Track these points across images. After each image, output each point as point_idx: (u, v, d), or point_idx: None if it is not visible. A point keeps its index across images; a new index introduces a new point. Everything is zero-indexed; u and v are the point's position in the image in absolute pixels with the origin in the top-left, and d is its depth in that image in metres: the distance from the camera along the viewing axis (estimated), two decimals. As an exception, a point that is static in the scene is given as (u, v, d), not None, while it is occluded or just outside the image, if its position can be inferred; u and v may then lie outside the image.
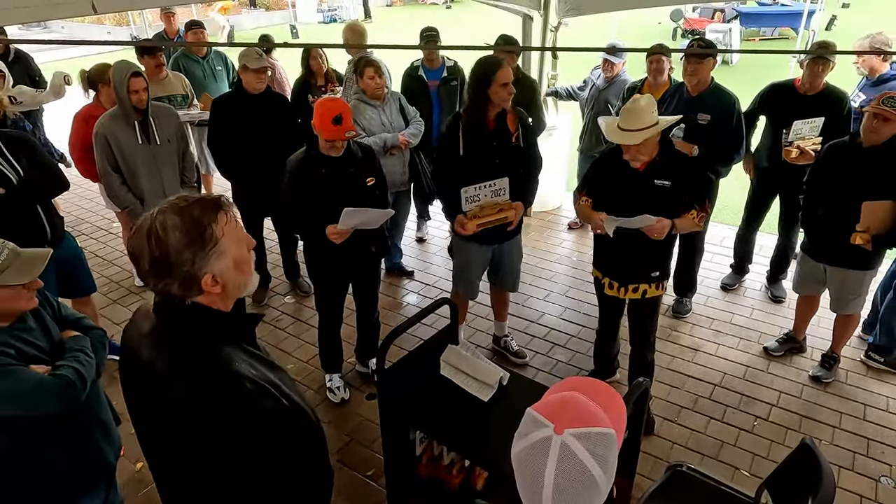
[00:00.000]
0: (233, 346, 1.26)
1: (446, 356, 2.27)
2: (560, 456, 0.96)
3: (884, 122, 2.84)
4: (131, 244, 1.20)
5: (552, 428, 0.98)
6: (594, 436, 0.98)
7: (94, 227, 5.53)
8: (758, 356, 3.66)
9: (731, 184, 3.98)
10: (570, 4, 4.77)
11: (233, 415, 1.18)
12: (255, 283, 1.33)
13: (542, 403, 1.06)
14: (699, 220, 2.74)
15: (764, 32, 15.33)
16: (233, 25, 16.15)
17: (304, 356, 3.72)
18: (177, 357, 1.22)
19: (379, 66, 3.78)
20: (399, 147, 3.90)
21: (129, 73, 3.25)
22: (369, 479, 2.84)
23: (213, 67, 5.29)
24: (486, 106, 2.92)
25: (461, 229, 3.04)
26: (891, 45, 3.83)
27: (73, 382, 1.76)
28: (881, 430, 3.09)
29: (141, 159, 3.39)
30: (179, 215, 1.18)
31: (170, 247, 1.16)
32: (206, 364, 1.20)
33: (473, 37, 14.93)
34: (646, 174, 2.69)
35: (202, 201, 1.23)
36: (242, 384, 1.19)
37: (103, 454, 1.96)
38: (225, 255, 1.22)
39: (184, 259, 1.18)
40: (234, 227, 1.25)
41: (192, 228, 1.18)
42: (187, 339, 1.23)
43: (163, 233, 1.17)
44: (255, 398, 1.19)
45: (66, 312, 2.03)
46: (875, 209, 2.89)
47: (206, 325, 1.25)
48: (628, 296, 2.93)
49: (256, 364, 1.26)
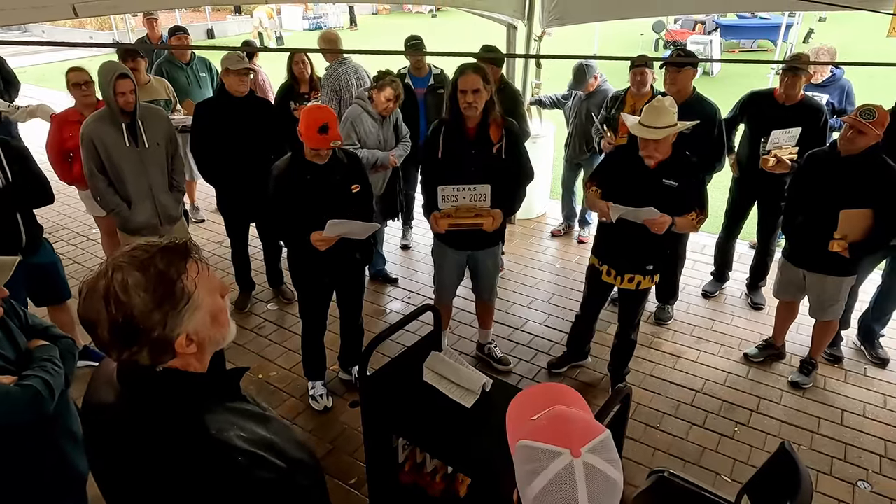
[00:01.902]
0: (216, 410, 1.08)
1: (429, 363, 2.26)
2: (587, 477, 0.93)
3: (859, 133, 2.90)
4: (83, 309, 1.00)
5: (569, 453, 0.94)
6: (603, 443, 0.96)
7: (72, 232, 5.45)
8: (738, 362, 3.71)
9: (710, 192, 4.04)
10: (553, 14, 4.83)
11: (225, 494, 1.02)
12: (233, 332, 1.16)
13: (535, 431, 0.98)
14: (697, 221, 2.90)
15: (743, 44, 15.66)
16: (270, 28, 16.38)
17: (286, 364, 3.69)
18: (152, 434, 1.04)
19: (400, 90, 3.72)
20: (386, 166, 3.91)
21: (116, 74, 3.17)
22: (352, 488, 2.82)
23: (197, 74, 5.25)
24: (459, 112, 2.95)
25: (434, 225, 3.08)
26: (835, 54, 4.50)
27: (41, 393, 1.72)
28: (858, 435, 3.13)
29: (127, 162, 3.32)
30: (141, 271, 0.99)
31: (134, 309, 0.98)
32: (188, 439, 1.03)
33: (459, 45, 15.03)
34: (656, 173, 2.85)
35: (166, 250, 1.04)
36: (234, 458, 1.02)
37: (73, 465, 1.92)
38: (200, 310, 1.05)
39: (153, 322, 1.00)
40: (206, 276, 1.08)
41: (159, 285, 1.00)
42: (162, 412, 1.05)
43: (124, 294, 0.98)
44: (249, 471, 1.03)
45: (34, 321, 1.98)
46: (852, 217, 2.95)
47: (183, 393, 1.07)
48: (623, 285, 3.08)
49: (246, 423, 1.10)
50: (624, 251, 3.03)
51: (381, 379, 2.30)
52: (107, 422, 1.10)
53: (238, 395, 1.18)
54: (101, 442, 1.13)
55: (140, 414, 1.06)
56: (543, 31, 5.09)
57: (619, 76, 4.56)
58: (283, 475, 1.07)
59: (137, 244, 1.06)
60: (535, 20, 5.02)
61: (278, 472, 1.06)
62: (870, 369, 3.64)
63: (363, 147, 3.78)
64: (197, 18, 20.24)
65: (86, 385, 1.20)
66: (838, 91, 4.32)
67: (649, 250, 2.97)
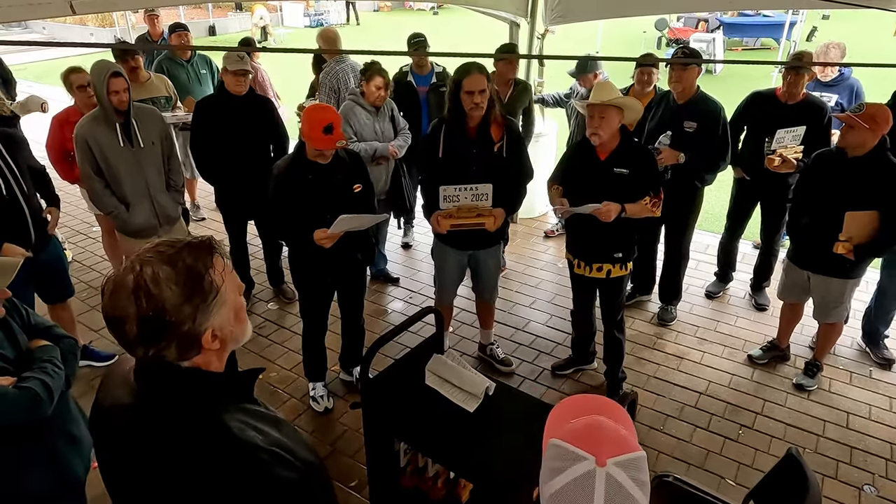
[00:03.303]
0: (232, 410, 1.09)
1: (431, 366, 2.23)
2: (608, 490, 0.90)
3: (849, 128, 2.89)
4: (109, 306, 1.01)
5: (594, 460, 0.91)
6: (634, 462, 0.92)
7: (73, 230, 5.42)
8: (742, 364, 3.68)
9: (714, 192, 4.01)
10: (556, 12, 4.79)
11: (250, 492, 1.02)
12: (249, 331, 1.18)
13: (568, 433, 0.97)
14: (652, 205, 2.92)
15: (746, 42, 15.58)
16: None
17: (287, 364, 3.66)
18: (173, 432, 1.04)
19: (389, 81, 3.78)
20: (386, 157, 3.87)
21: (109, 73, 3.10)
22: (353, 490, 2.79)
23: (198, 71, 5.22)
24: (461, 111, 2.92)
25: (436, 226, 3.06)
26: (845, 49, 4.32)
27: (39, 395, 1.68)
28: (864, 439, 3.10)
29: (123, 162, 3.27)
30: (170, 265, 1.01)
31: (165, 302, 0.99)
32: (213, 438, 1.04)
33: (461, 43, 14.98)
34: (607, 163, 2.91)
35: (192, 246, 1.06)
36: (257, 455, 1.03)
37: (70, 469, 1.89)
38: (226, 305, 1.08)
39: (184, 315, 1.01)
40: (230, 272, 1.11)
41: (189, 279, 1.02)
42: (182, 410, 1.06)
43: (155, 287, 0.99)
44: (271, 469, 1.03)
45: (36, 320, 1.95)
46: (857, 219, 2.92)
47: (203, 391, 1.08)
48: (594, 274, 3.13)
49: (262, 426, 1.10)
50: (587, 243, 3.11)
51: (382, 382, 2.27)
52: (123, 422, 1.10)
53: (251, 396, 1.19)
54: (116, 443, 1.12)
55: (159, 412, 1.06)
56: (546, 29, 5.05)
57: (621, 74, 4.52)
58: (302, 475, 1.08)
59: (161, 241, 1.07)
60: (537, 18, 4.98)
61: (298, 472, 1.07)
62: (875, 371, 3.60)
63: (360, 140, 3.75)
64: (199, 15, 20.20)
65: (84, 385, 1.18)
66: (847, 90, 4.27)
67: (612, 239, 3.02)
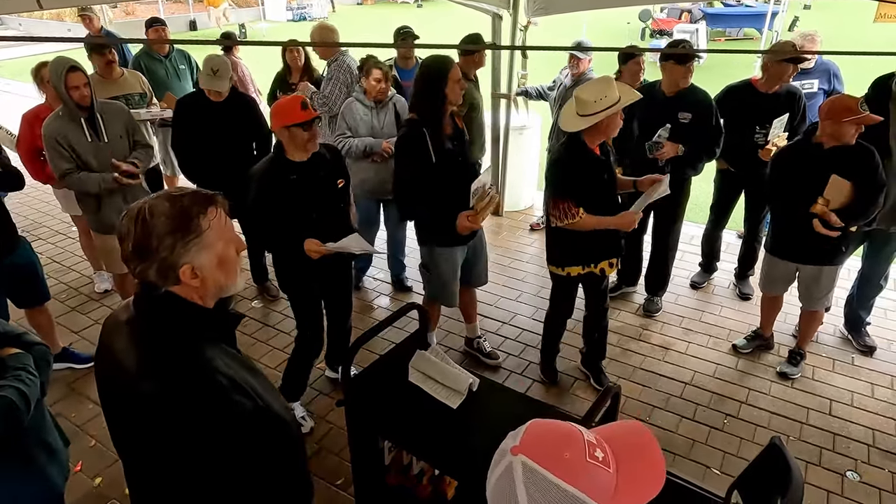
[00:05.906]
0: (211, 344, 1.24)
1: (415, 362, 2.21)
2: (526, 478, 0.88)
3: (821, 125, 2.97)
4: (121, 225, 1.21)
5: (509, 451, 0.91)
6: (542, 478, 0.88)
7: (51, 231, 5.33)
8: (727, 354, 3.70)
9: (698, 183, 4.02)
10: (539, 4, 4.76)
11: (208, 411, 1.15)
12: (238, 286, 1.33)
13: (597, 431, 0.98)
14: None
15: (729, 33, 15.68)
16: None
17: (272, 362, 3.62)
18: (151, 348, 1.21)
19: (388, 71, 3.69)
20: (381, 154, 3.74)
21: (65, 68, 3.02)
22: (339, 489, 2.78)
23: (176, 66, 5.12)
24: (444, 106, 2.86)
25: (472, 225, 2.95)
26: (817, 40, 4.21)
27: (15, 404, 1.63)
28: (847, 425, 3.14)
29: (93, 157, 3.22)
30: (170, 202, 1.20)
31: (153, 230, 1.17)
32: (180, 355, 1.19)
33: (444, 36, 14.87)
34: (606, 160, 2.89)
35: (196, 193, 1.24)
36: (218, 380, 1.16)
37: (49, 479, 1.85)
38: (208, 250, 1.22)
39: (164, 245, 1.18)
40: (222, 223, 1.25)
41: (179, 216, 1.19)
42: (162, 330, 1.22)
43: (150, 216, 1.18)
44: (231, 395, 1.17)
45: (6, 328, 1.88)
46: (839, 184, 2.96)
47: (183, 317, 1.23)
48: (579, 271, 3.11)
49: (234, 364, 1.24)
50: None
51: (365, 380, 2.25)
52: (115, 339, 1.27)
53: (233, 342, 1.34)
54: (109, 364, 1.27)
55: (142, 330, 1.24)
56: (529, 21, 5.02)
57: (606, 66, 4.50)
58: (265, 415, 1.21)
59: (176, 186, 1.21)
60: (520, 9, 4.94)
61: (255, 404, 1.19)
62: (857, 358, 3.64)
63: (354, 136, 3.70)
64: (179, 9, 19.92)
65: (64, 387, 1.18)
66: (825, 75, 4.28)
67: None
